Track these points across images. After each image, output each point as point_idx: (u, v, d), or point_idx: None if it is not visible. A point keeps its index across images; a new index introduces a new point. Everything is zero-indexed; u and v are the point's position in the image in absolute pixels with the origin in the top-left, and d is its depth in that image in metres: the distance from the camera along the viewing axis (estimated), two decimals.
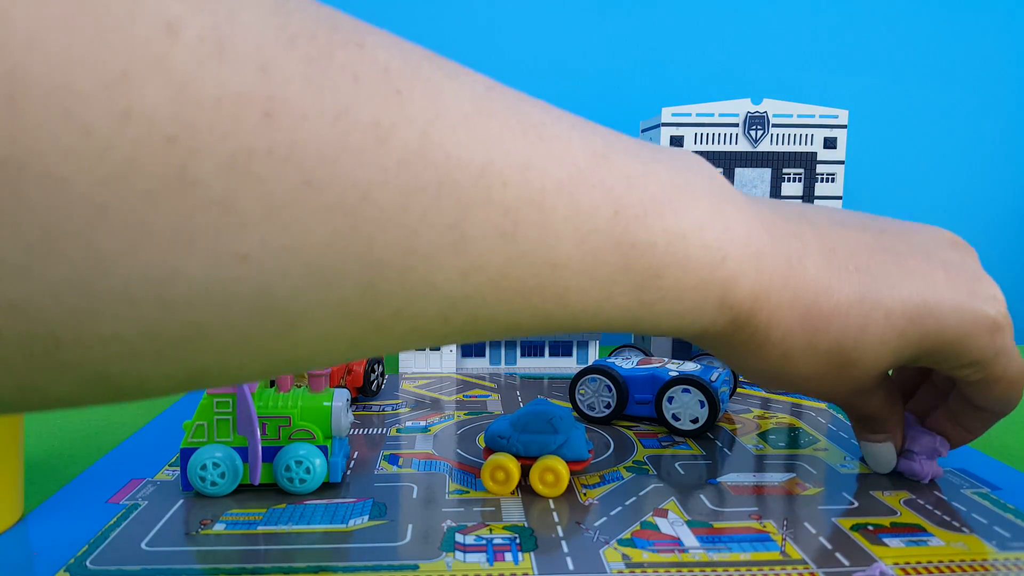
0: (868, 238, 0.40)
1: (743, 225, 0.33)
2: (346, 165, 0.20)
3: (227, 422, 0.50)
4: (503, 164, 0.24)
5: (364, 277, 0.22)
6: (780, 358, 0.37)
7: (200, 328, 0.20)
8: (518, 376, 0.85)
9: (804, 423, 0.68)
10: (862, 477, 0.54)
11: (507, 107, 0.25)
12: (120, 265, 0.18)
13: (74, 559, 0.41)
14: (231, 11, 0.19)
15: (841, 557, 0.42)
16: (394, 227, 0.22)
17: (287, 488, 0.50)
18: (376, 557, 0.41)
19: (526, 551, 0.42)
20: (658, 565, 0.41)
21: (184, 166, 0.18)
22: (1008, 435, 0.66)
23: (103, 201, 0.18)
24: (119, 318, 0.19)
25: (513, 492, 0.50)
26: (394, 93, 0.22)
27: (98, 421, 0.68)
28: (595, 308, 0.29)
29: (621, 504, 0.49)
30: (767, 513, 0.48)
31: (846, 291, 0.37)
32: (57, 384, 0.20)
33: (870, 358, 0.39)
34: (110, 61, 0.17)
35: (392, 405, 0.72)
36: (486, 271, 0.24)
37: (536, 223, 0.25)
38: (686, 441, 0.62)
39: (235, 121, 0.19)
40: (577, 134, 0.28)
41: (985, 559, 0.41)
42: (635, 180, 0.29)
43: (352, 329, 0.23)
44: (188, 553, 0.42)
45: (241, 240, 0.19)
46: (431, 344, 0.27)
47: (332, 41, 0.21)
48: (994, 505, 0.49)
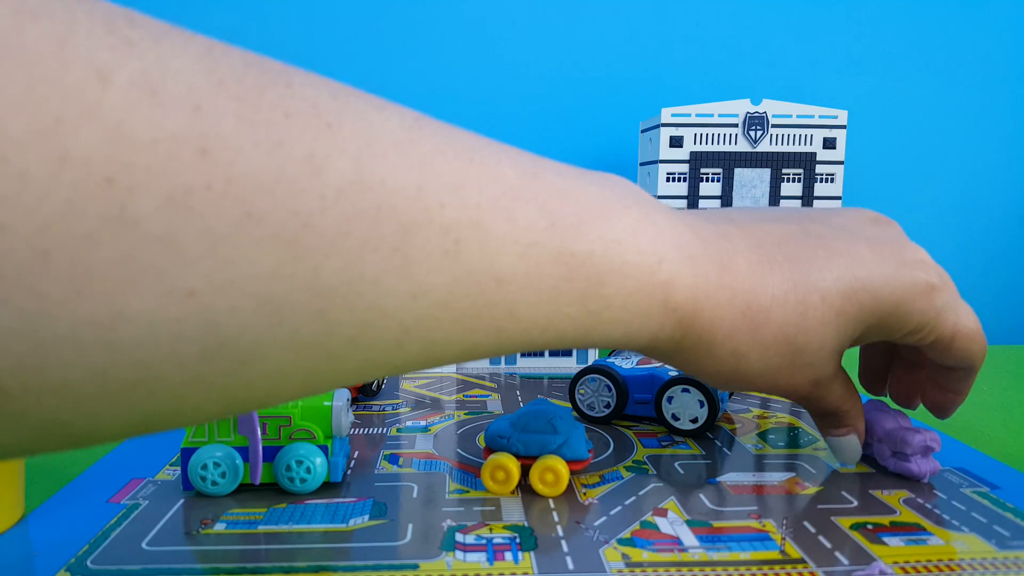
0: (792, 228, 0.42)
1: (673, 230, 0.35)
2: (284, 195, 0.21)
3: (227, 421, 0.50)
4: (438, 186, 0.25)
5: (313, 306, 0.22)
6: (731, 356, 0.38)
7: (150, 370, 0.20)
8: (518, 376, 0.85)
9: (804, 423, 0.68)
10: (862, 476, 0.54)
11: (436, 134, 0.26)
12: (66, 310, 0.18)
13: (75, 559, 0.41)
14: (160, 57, 0.20)
15: (841, 556, 0.42)
16: (338, 253, 0.22)
17: (287, 488, 0.50)
18: (376, 556, 0.41)
19: (526, 550, 0.42)
20: (658, 565, 0.41)
21: (124, 206, 0.18)
22: (1008, 435, 0.66)
23: (45, 246, 0.18)
24: (67, 364, 0.19)
25: (513, 492, 0.50)
26: (325, 127, 0.22)
27: None
28: (545, 321, 0.30)
29: (621, 504, 0.49)
30: (767, 512, 0.48)
31: (780, 281, 0.38)
32: (6, 434, 0.20)
33: (816, 342, 0.40)
34: (43, 108, 0.17)
35: (392, 405, 0.72)
36: (434, 292, 0.25)
37: (476, 240, 0.26)
38: (686, 441, 0.62)
39: (171, 159, 0.19)
40: (506, 156, 0.29)
41: (984, 558, 0.41)
42: (567, 194, 0.30)
43: (306, 362, 0.23)
44: (189, 553, 0.42)
45: (186, 277, 0.20)
46: (389, 374, 0.27)
47: (261, 82, 0.22)
48: (993, 504, 0.49)
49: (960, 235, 1.13)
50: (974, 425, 0.69)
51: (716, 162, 0.88)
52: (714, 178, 0.88)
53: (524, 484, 0.51)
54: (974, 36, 1.10)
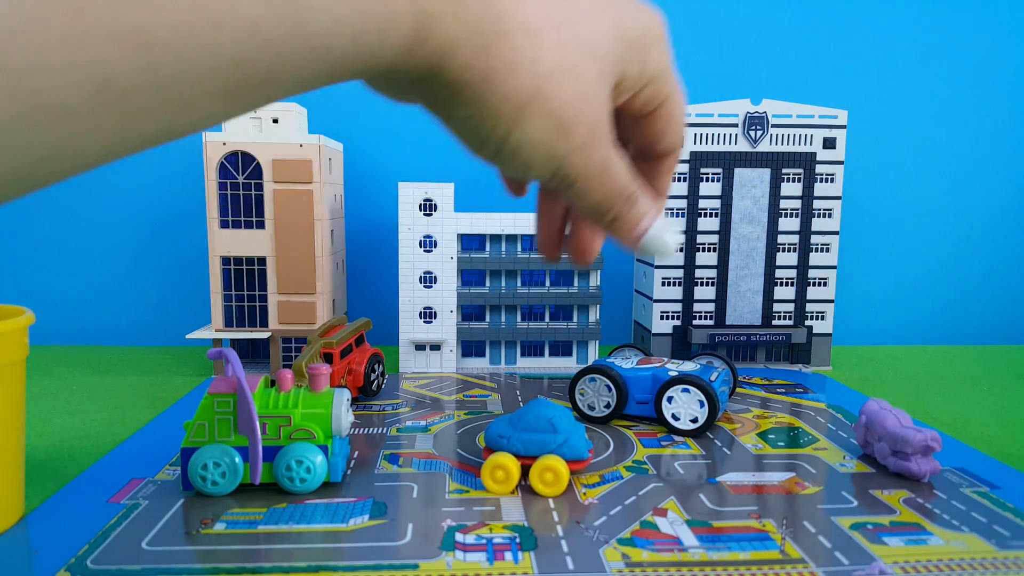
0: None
1: None
2: None
3: (227, 422, 0.50)
4: None
5: None
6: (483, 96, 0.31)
7: None
8: (518, 376, 0.85)
9: (804, 423, 0.68)
10: (862, 476, 0.54)
11: None
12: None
13: (75, 559, 0.41)
14: None
15: (840, 556, 0.42)
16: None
17: (287, 487, 0.50)
18: (376, 556, 0.41)
19: (526, 550, 0.42)
20: (658, 564, 0.41)
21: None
22: (1008, 435, 0.66)
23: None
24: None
25: (513, 491, 0.50)
26: None
27: (99, 420, 0.68)
28: None
29: (621, 503, 0.49)
30: (767, 512, 0.48)
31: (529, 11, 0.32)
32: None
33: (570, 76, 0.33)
34: None
35: (392, 405, 0.72)
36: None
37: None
38: (686, 441, 0.62)
39: None
40: None
41: (984, 558, 0.41)
42: None
43: None
44: (188, 553, 0.42)
45: None
46: None
47: None
48: (993, 504, 0.49)
49: (959, 235, 1.13)
50: (974, 425, 0.69)
51: (716, 162, 0.88)
52: (714, 178, 0.88)
53: (524, 484, 0.51)
54: (974, 36, 1.10)
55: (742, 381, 0.83)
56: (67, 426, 0.66)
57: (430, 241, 0.86)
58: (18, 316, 0.45)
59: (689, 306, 0.90)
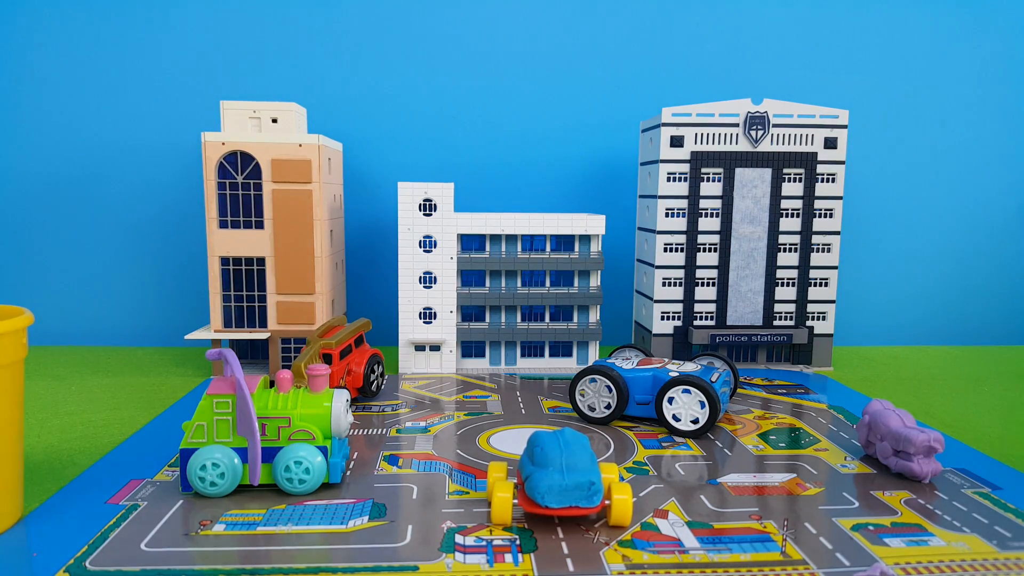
0: None
1: None
2: None
3: (227, 422, 0.50)
4: None
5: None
6: None
7: None
8: (518, 376, 0.85)
9: (804, 423, 0.67)
10: (863, 477, 0.54)
11: None
12: None
13: (73, 559, 0.41)
14: None
15: (842, 557, 0.41)
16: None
17: (287, 489, 0.49)
18: (376, 558, 0.41)
19: (526, 552, 0.42)
20: (658, 566, 0.40)
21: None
22: (1009, 436, 0.66)
23: None
24: None
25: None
26: None
27: (98, 421, 0.68)
28: None
29: None
30: (767, 513, 0.47)
31: None
32: None
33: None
34: None
35: (392, 405, 0.72)
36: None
37: None
38: (686, 442, 0.62)
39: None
40: None
41: (986, 559, 0.41)
42: None
43: None
44: (187, 554, 0.42)
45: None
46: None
47: None
48: (995, 505, 0.49)
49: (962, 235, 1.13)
50: (976, 426, 0.69)
51: (717, 162, 0.88)
52: (715, 178, 0.88)
53: None
54: (974, 36, 1.10)
55: (743, 382, 0.82)
56: (66, 427, 0.66)
57: (430, 241, 0.86)
58: (17, 316, 0.45)
59: (690, 307, 0.90)
